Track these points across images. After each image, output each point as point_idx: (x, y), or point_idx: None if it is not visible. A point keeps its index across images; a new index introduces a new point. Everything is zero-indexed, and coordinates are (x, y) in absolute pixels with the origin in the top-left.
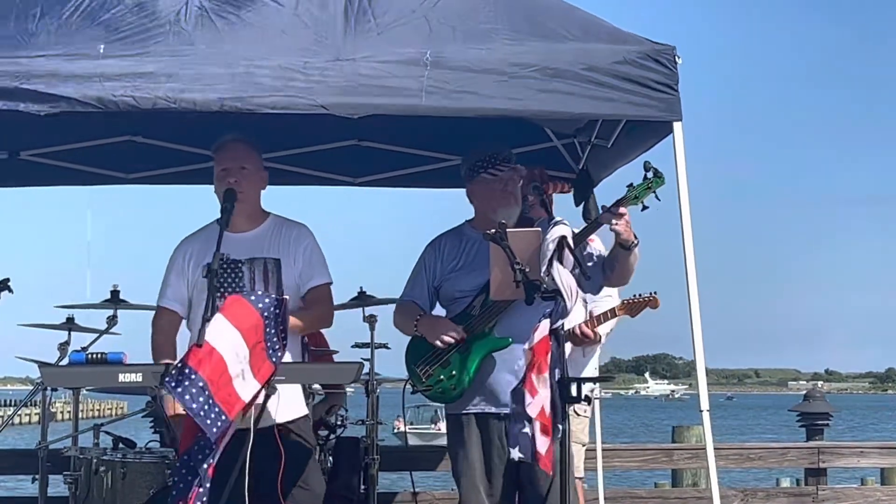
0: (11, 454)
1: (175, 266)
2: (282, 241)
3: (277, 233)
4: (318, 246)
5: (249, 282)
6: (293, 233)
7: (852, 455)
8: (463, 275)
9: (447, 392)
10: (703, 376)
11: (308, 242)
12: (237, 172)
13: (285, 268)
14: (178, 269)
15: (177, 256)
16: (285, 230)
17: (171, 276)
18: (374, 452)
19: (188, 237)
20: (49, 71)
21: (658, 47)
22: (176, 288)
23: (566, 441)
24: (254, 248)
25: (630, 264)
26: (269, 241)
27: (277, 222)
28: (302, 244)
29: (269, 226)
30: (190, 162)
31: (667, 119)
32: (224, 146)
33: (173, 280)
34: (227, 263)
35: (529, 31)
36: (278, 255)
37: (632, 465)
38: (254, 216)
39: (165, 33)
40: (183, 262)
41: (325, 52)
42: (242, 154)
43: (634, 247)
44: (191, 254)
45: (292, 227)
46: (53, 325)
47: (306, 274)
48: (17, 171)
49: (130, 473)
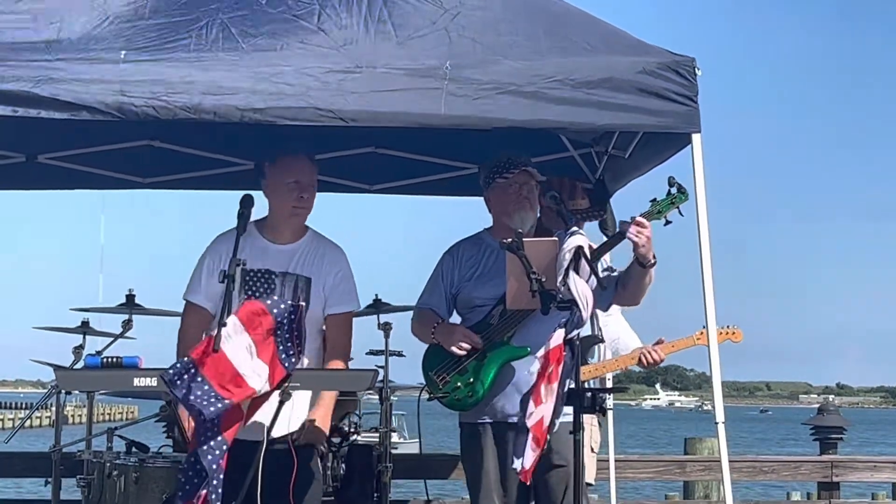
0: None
1: (207, 264)
2: (316, 261)
3: (314, 251)
4: (351, 271)
5: (280, 294)
6: (329, 255)
7: (866, 469)
8: (481, 283)
9: (464, 400)
10: (719, 389)
11: (342, 267)
12: (308, 189)
13: (314, 288)
14: (211, 268)
15: (210, 255)
16: (322, 249)
17: (202, 273)
18: (386, 460)
19: (222, 235)
20: (69, 76)
21: (678, 59)
22: (207, 285)
23: (580, 450)
24: (290, 262)
25: (644, 284)
26: (304, 258)
27: (316, 239)
28: (335, 268)
29: (307, 241)
30: (207, 167)
31: (686, 131)
32: (298, 158)
33: (205, 277)
34: (263, 273)
35: (549, 43)
36: (310, 273)
37: (644, 476)
38: (298, 231)
39: (187, 40)
40: (217, 262)
41: (345, 61)
42: (314, 172)
43: (651, 266)
44: (226, 254)
45: (329, 249)
46: (68, 329)
47: (332, 299)
48: (34, 174)
49: (143, 478)
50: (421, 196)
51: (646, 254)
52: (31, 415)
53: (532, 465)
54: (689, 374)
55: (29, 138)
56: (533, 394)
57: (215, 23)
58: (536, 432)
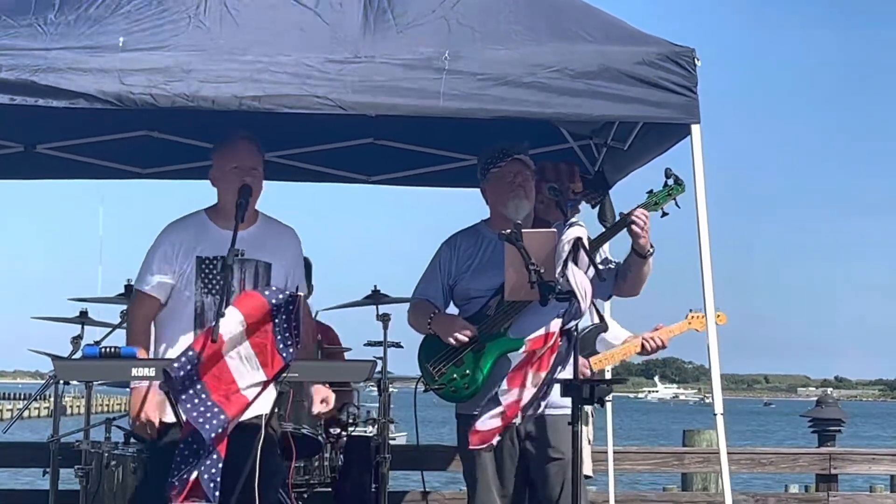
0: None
1: (160, 252)
2: (272, 244)
3: (268, 234)
4: (301, 252)
5: (239, 283)
6: (284, 237)
7: (864, 461)
8: (478, 274)
9: (460, 391)
10: (718, 380)
11: (296, 250)
12: (250, 173)
13: (276, 270)
14: (164, 256)
15: (163, 242)
16: (276, 232)
17: (154, 261)
18: (384, 451)
19: (174, 224)
20: (68, 65)
21: (677, 49)
22: (160, 274)
23: (578, 443)
24: (246, 249)
25: (643, 274)
26: (260, 243)
27: (267, 223)
28: (290, 251)
29: (260, 227)
30: (206, 158)
31: (685, 122)
32: (239, 144)
33: (157, 267)
34: (219, 261)
35: (549, 33)
36: (269, 258)
37: (643, 469)
38: (249, 217)
39: (186, 27)
40: (171, 250)
41: (344, 50)
42: (256, 156)
43: (650, 255)
44: (180, 242)
45: (282, 231)
46: (66, 319)
47: (292, 282)
48: (32, 164)
49: (141, 468)
50: (420, 187)
51: (644, 244)
52: (29, 404)
53: (488, 431)
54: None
55: (27, 128)
56: (515, 374)
57: (214, 11)
58: (509, 410)
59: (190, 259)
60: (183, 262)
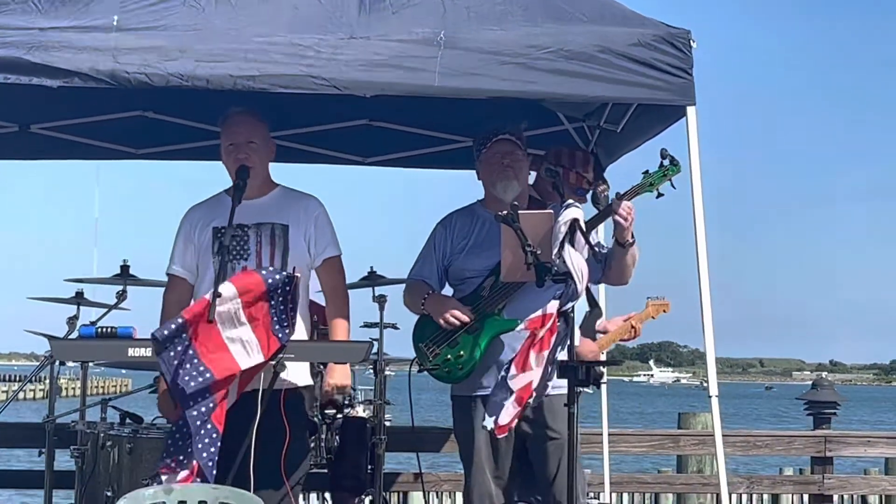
0: (19, 427)
1: (183, 233)
2: (291, 209)
3: (287, 201)
4: (329, 218)
5: (255, 245)
6: (304, 202)
7: (859, 444)
8: (473, 255)
9: (454, 372)
10: (713, 363)
11: (320, 213)
12: (246, 147)
13: (294, 233)
14: (186, 236)
15: (184, 224)
16: (295, 199)
17: (179, 243)
18: (381, 433)
19: (195, 206)
20: (62, 43)
21: (673, 31)
22: (185, 255)
23: (574, 424)
24: (262, 214)
25: (626, 263)
26: (277, 208)
27: (286, 192)
28: (314, 213)
29: (277, 194)
30: (201, 138)
31: (680, 103)
32: (231, 120)
33: (181, 248)
34: (234, 229)
35: (544, 13)
36: (287, 221)
37: (638, 451)
38: (263, 186)
39: (180, 6)
40: (190, 229)
41: (339, 30)
42: (250, 128)
43: (630, 245)
44: (198, 219)
45: (303, 197)
46: (62, 299)
47: (321, 244)
48: (27, 144)
49: (137, 448)
50: (416, 169)
51: (625, 234)
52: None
53: (510, 420)
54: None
55: (22, 108)
56: (517, 359)
57: None
58: (522, 394)
59: (207, 231)
60: (201, 235)
